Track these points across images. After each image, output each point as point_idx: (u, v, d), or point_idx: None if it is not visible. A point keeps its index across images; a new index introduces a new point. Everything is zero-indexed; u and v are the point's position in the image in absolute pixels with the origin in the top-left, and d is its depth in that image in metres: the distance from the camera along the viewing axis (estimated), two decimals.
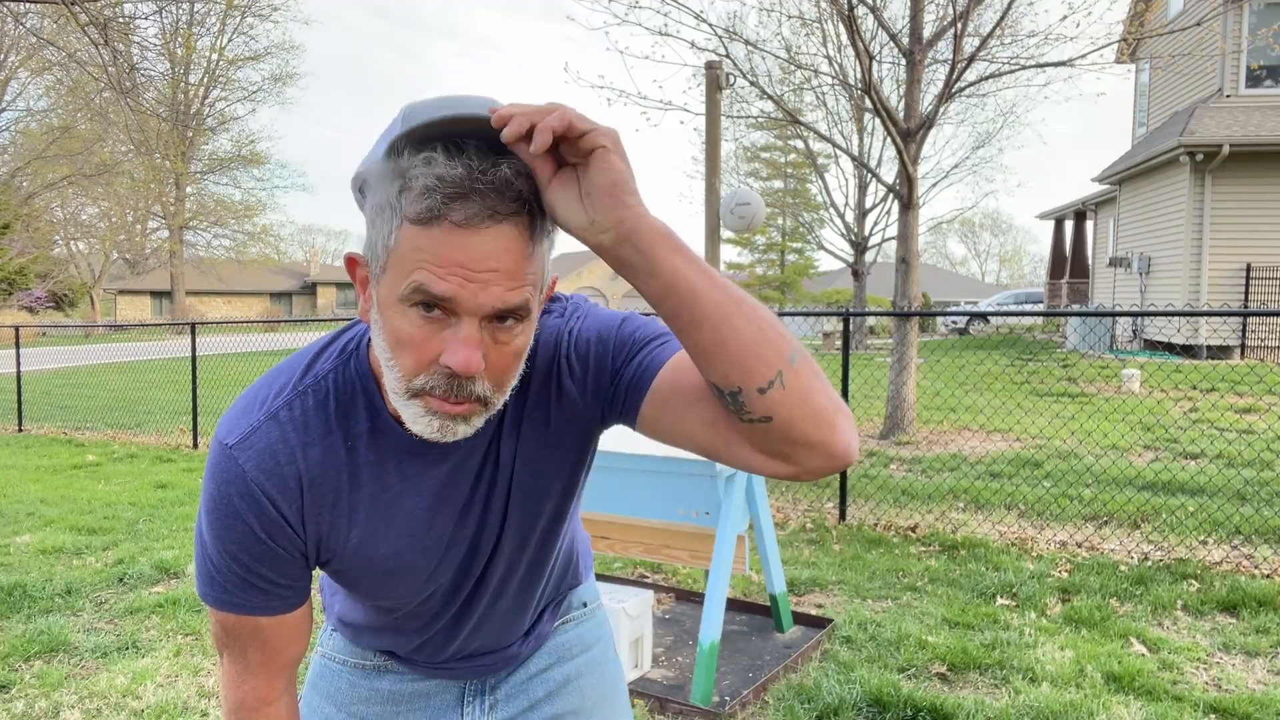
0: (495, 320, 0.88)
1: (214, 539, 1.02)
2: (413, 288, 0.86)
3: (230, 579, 1.03)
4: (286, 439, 1.00)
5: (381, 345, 0.91)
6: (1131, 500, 5.91)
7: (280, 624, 1.08)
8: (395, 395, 0.92)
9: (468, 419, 0.92)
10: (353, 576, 1.10)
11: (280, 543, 1.02)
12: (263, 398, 1.03)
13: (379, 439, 1.03)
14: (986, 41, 8.12)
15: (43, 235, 34.06)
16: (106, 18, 8.59)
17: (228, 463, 1.00)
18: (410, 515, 1.06)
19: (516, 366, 0.94)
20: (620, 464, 3.46)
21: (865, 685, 3.19)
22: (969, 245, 80.00)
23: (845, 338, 5.86)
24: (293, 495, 1.01)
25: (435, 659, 1.25)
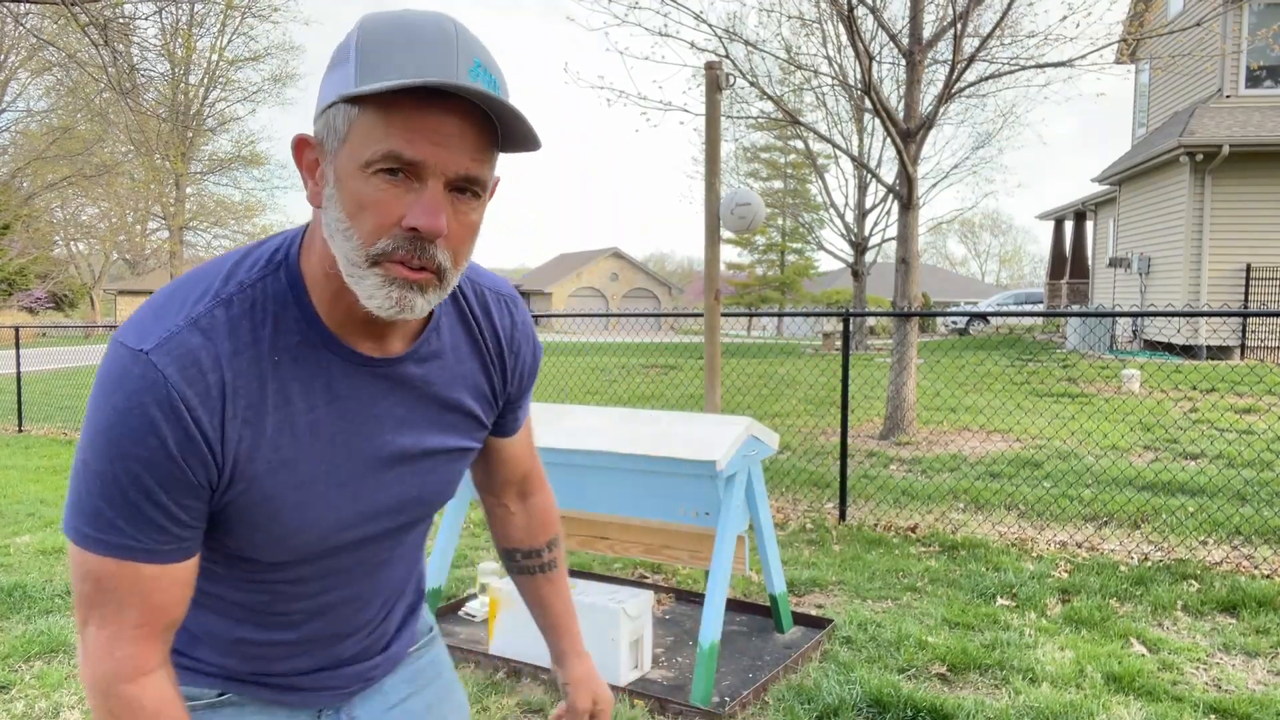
0: (456, 191, 0.92)
1: (113, 461, 0.90)
2: (382, 153, 0.88)
3: (123, 512, 0.91)
4: (209, 346, 0.92)
5: (338, 218, 0.91)
6: (1131, 500, 5.91)
7: (168, 575, 0.95)
8: (352, 267, 0.91)
9: (424, 290, 0.93)
10: (262, 513, 0.99)
11: (192, 464, 0.92)
12: (179, 302, 0.94)
13: (309, 354, 0.98)
14: (986, 42, 8.12)
15: (43, 236, 34.07)
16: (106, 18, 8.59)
17: (143, 368, 0.90)
18: (333, 441, 1.01)
19: (471, 243, 0.96)
20: (620, 464, 3.46)
21: (865, 685, 3.19)
22: (969, 245, 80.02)
23: (845, 338, 5.86)
24: (214, 406, 0.92)
25: (294, 666, 1.14)
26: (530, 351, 1.23)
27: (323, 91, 0.93)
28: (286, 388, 0.97)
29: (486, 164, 0.93)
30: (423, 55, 0.87)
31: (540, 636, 3.40)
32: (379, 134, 0.88)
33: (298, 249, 1.00)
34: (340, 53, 0.92)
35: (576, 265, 55.71)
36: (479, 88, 0.86)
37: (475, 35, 0.92)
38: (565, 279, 54.36)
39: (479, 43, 0.92)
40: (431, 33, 0.89)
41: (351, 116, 0.89)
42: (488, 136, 0.92)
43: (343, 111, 0.90)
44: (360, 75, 0.88)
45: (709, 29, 8.57)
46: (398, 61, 0.87)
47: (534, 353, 1.25)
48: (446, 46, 0.88)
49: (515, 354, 1.19)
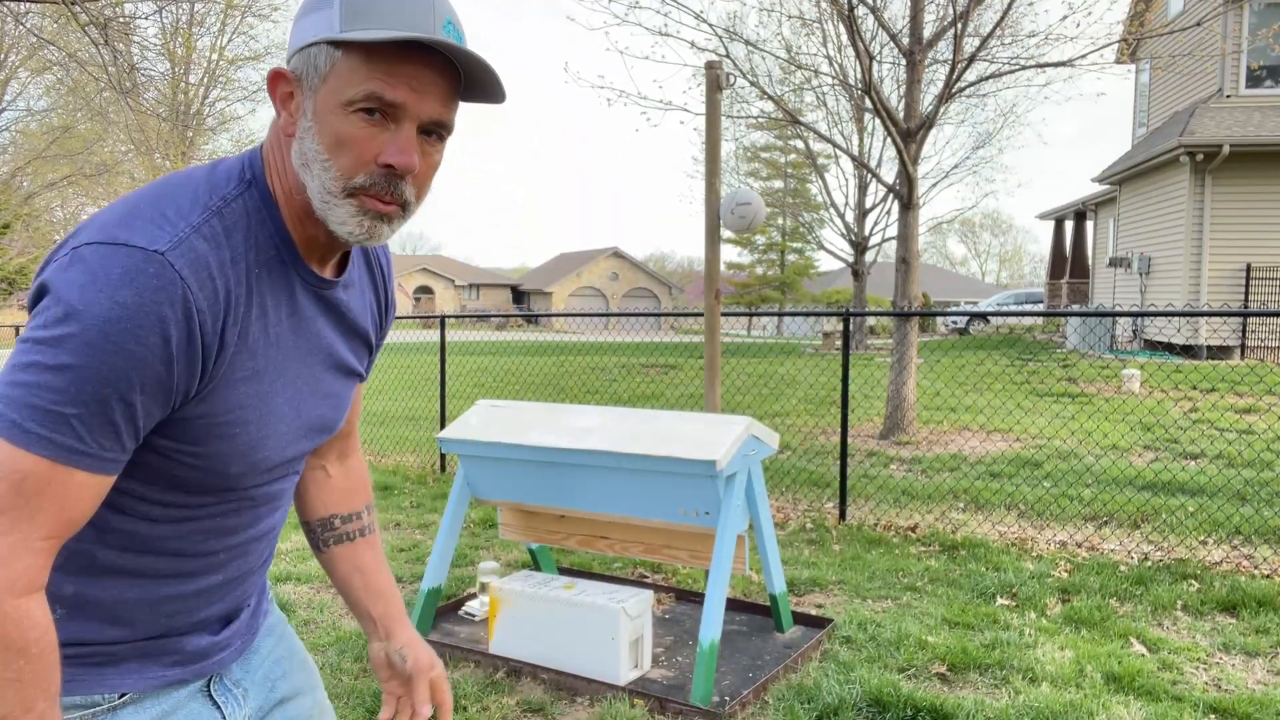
0: (424, 133, 1.01)
1: (102, 355, 0.88)
2: (365, 93, 0.96)
3: (86, 412, 0.89)
4: (214, 252, 0.96)
5: (315, 149, 0.99)
6: (1131, 500, 5.91)
7: (94, 486, 0.94)
8: (328, 195, 0.99)
9: (391, 221, 1.03)
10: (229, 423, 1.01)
11: (181, 368, 0.94)
12: (176, 209, 0.96)
13: (281, 270, 1.05)
14: (986, 41, 8.12)
15: (43, 235, 34.07)
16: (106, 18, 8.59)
17: (158, 268, 0.91)
18: (290, 355, 1.08)
19: (432, 180, 1.07)
20: (620, 464, 3.46)
21: (865, 685, 3.19)
22: (969, 245, 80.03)
23: (845, 338, 5.86)
24: (218, 312, 0.96)
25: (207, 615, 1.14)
26: (394, 295, 1.33)
27: (300, 30, 1.00)
28: (264, 300, 1.04)
29: (453, 110, 1.03)
30: (405, 9, 0.97)
31: (539, 635, 3.42)
32: (361, 76, 0.96)
33: (261, 169, 1.06)
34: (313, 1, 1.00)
35: (576, 265, 55.71)
36: (460, 46, 0.97)
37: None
38: (565, 279, 54.36)
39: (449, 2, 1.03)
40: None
41: (335, 58, 0.97)
42: (455, 86, 1.02)
43: (325, 52, 0.98)
44: (345, 21, 0.96)
45: (709, 28, 8.58)
46: (381, 12, 0.96)
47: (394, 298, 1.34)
48: (426, 5, 0.98)
49: (390, 295, 1.29)
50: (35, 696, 0.92)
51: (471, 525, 5.69)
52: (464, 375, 14.43)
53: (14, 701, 0.91)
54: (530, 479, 3.74)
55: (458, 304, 55.41)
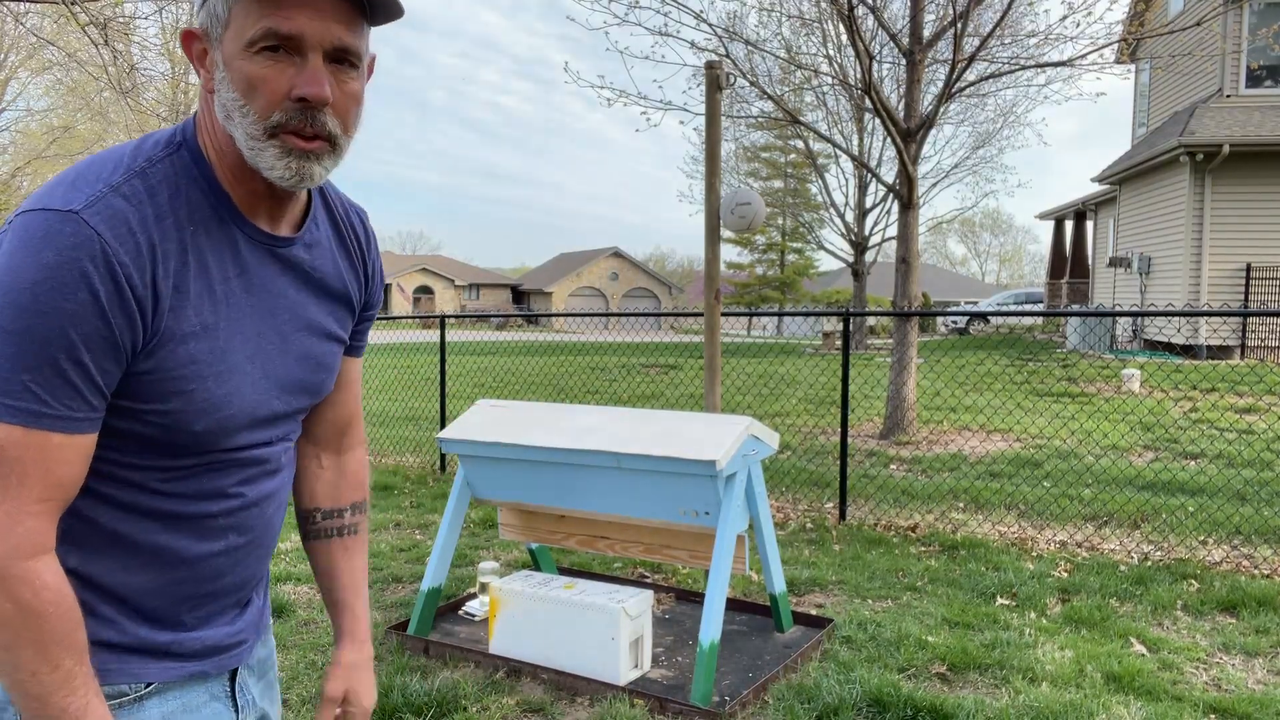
0: (335, 63, 1.00)
1: (36, 317, 0.89)
2: (262, 31, 0.95)
3: (39, 375, 0.91)
4: (135, 209, 0.96)
5: (232, 98, 0.98)
6: (1131, 500, 5.91)
7: (73, 446, 0.95)
8: (252, 140, 0.98)
9: (319, 158, 1.01)
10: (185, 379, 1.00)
11: (119, 322, 0.93)
12: (94, 175, 0.97)
13: (219, 227, 1.04)
14: (986, 41, 8.12)
15: None
16: (106, 18, 8.59)
17: (75, 226, 0.91)
18: (245, 312, 1.06)
19: (356, 111, 1.04)
20: (620, 464, 3.46)
21: (865, 685, 3.19)
22: (969, 245, 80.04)
23: (845, 338, 5.87)
24: (144, 266, 0.95)
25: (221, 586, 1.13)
26: (379, 265, 1.31)
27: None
28: (203, 256, 1.02)
29: (360, 34, 1.01)
30: None
31: (539, 635, 3.41)
32: (255, 15, 0.96)
33: (193, 132, 1.06)
34: None
35: (576, 265, 55.71)
36: None
37: None
38: (565, 279, 54.36)
39: None
40: None
41: (230, 3, 0.97)
42: (357, 9, 1.00)
43: (220, 2, 0.98)
44: None
45: (709, 28, 8.58)
46: None
47: (381, 268, 1.33)
48: None
49: (371, 262, 1.27)
50: (60, 655, 0.95)
51: (471, 525, 5.69)
52: (464, 375, 14.43)
53: (39, 661, 0.94)
54: (530, 479, 3.74)
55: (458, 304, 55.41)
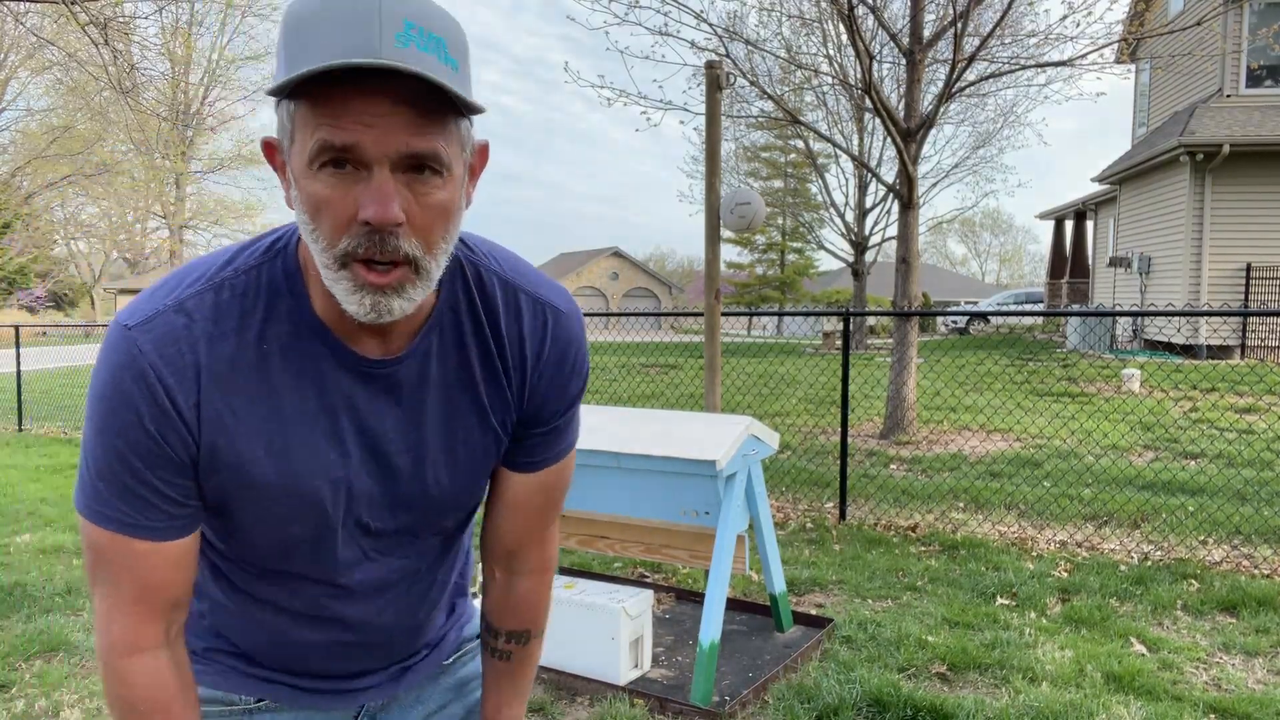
0: (410, 171, 0.85)
1: (98, 432, 0.91)
2: (317, 147, 0.83)
3: (113, 486, 0.92)
4: (191, 328, 0.91)
5: (303, 220, 0.87)
6: (1131, 500, 5.91)
7: (158, 554, 0.95)
8: (326, 272, 0.87)
9: (400, 290, 0.87)
10: (248, 509, 0.98)
11: (169, 440, 0.92)
12: (172, 286, 0.94)
13: (302, 343, 0.95)
14: (986, 41, 8.12)
15: (43, 235, 34.08)
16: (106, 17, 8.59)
17: (124, 344, 0.90)
18: (329, 435, 0.98)
19: (444, 225, 0.89)
20: (620, 464, 3.46)
21: (865, 685, 3.19)
22: (969, 245, 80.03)
23: (845, 337, 5.86)
24: (189, 388, 0.91)
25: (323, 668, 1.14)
26: (559, 373, 1.08)
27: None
28: (274, 377, 0.95)
29: (435, 136, 0.84)
30: (340, 30, 0.80)
31: None
32: (311, 125, 0.83)
33: (297, 239, 0.98)
34: (277, 45, 0.86)
35: (576, 265, 55.72)
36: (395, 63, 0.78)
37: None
38: (565, 278, 54.37)
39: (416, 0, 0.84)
40: (350, 6, 0.81)
41: (291, 113, 0.86)
42: (433, 106, 0.84)
43: (284, 109, 0.86)
44: (287, 64, 0.82)
45: (709, 28, 8.57)
46: (317, 43, 0.80)
47: (567, 373, 1.08)
48: (368, 19, 0.80)
49: (540, 371, 1.07)
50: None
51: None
52: None
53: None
54: None
55: None
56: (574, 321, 1.09)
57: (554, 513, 1.21)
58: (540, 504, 1.17)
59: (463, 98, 0.83)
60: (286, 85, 0.80)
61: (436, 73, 0.81)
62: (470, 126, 0.91)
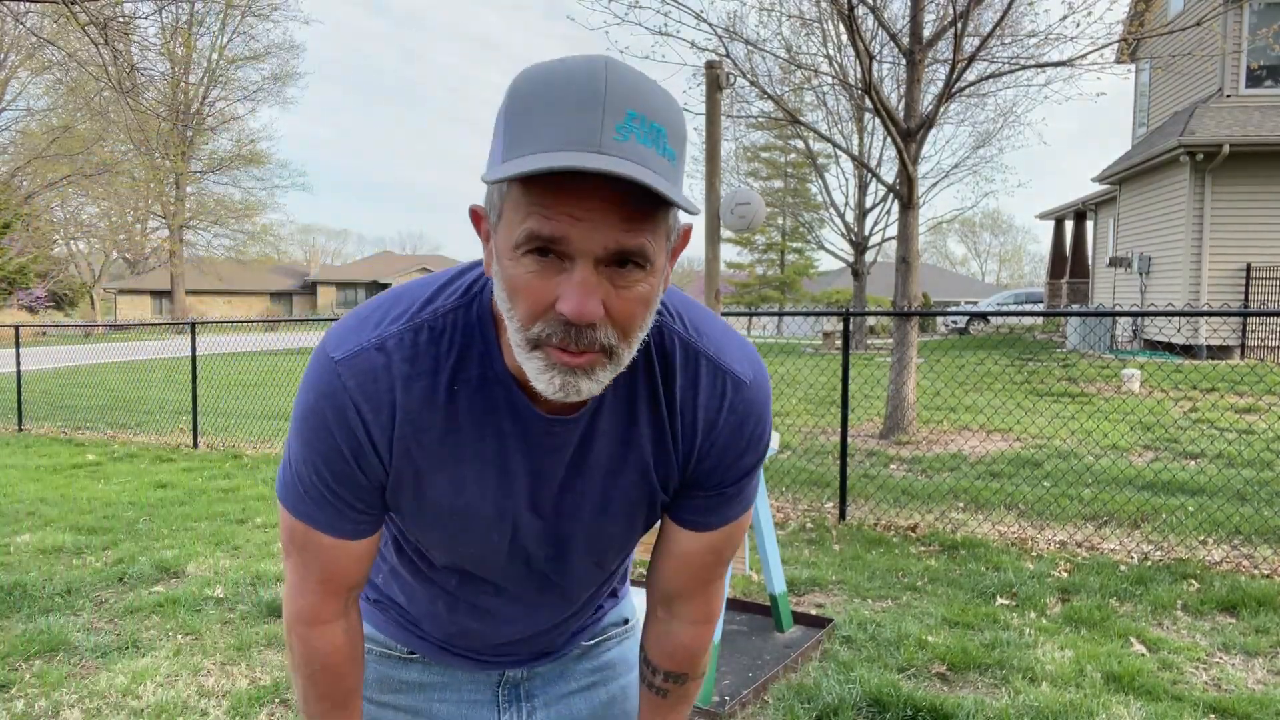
0: (613, 265, 0.84)
1: (300, 447, 1.00)
2: (525, 234, 0.83)
3: (309, 489, 1.01)
4: (391, 367, 0.96)
5: (501, 297, 0.89)
6: (1131, 500, 5.91)
7: (343, 549, 1.06)
8: (518, 349, 0.89)
9: (590, 372, 0.87)
10: (426, 523, 1.06)
11: (363, 467, 0.99)
12: (378, 319, 0.99)
13: (487, 389, 0.99)
14: (986, 41, 8.12)
15: (43, 235, 34.08)
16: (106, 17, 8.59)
17: (329, 375, 0.97)
18: (501, 475, 1.03)
19: (644, 315, 0.89)
20: None
21: (865, 685, 3.19)
22: (969, 245, 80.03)
23: (845, 337, 5.87)
24: (385, 424, 0.97)
25: (472, 644, 1.23)
26: (732, 445, 1.06)
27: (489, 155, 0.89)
28: (460, 418, 0.99)
29: (644, 232, 0.83)
30: (563, 122, 0.79)
31: None
32: (522, 211, 0.83)
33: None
34: (497, 119, 0.86)
35: None
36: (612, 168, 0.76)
37: (636, 77, 0.83)
38: None
39: (641, 87, 0.83)
40: (575, 93, 0.80)
41: (502, 193, 0.86)
42: (646, 203, 0.83)
43: (496, 189, 0.87)
44: (506, 148, 0.82)
45: (709, 28, 8.58)
46: (538, 130, 0.80)
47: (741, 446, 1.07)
48: (591, 106, 0.79)
49: (711, 441, 1.06)
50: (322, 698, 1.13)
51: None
52: None
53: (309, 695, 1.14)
54: None
55: None
56: (757, 392, 1.06)
57: (720, 569, 1.19)
58: (706, 562, 1.16)
59: (678, 198, 0.81)
60: (502, 178, 0.80)
61: (654, 166, 0.81)
62: (677, 214, 0.90)
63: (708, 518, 1.12)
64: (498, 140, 0.85)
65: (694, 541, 1.13)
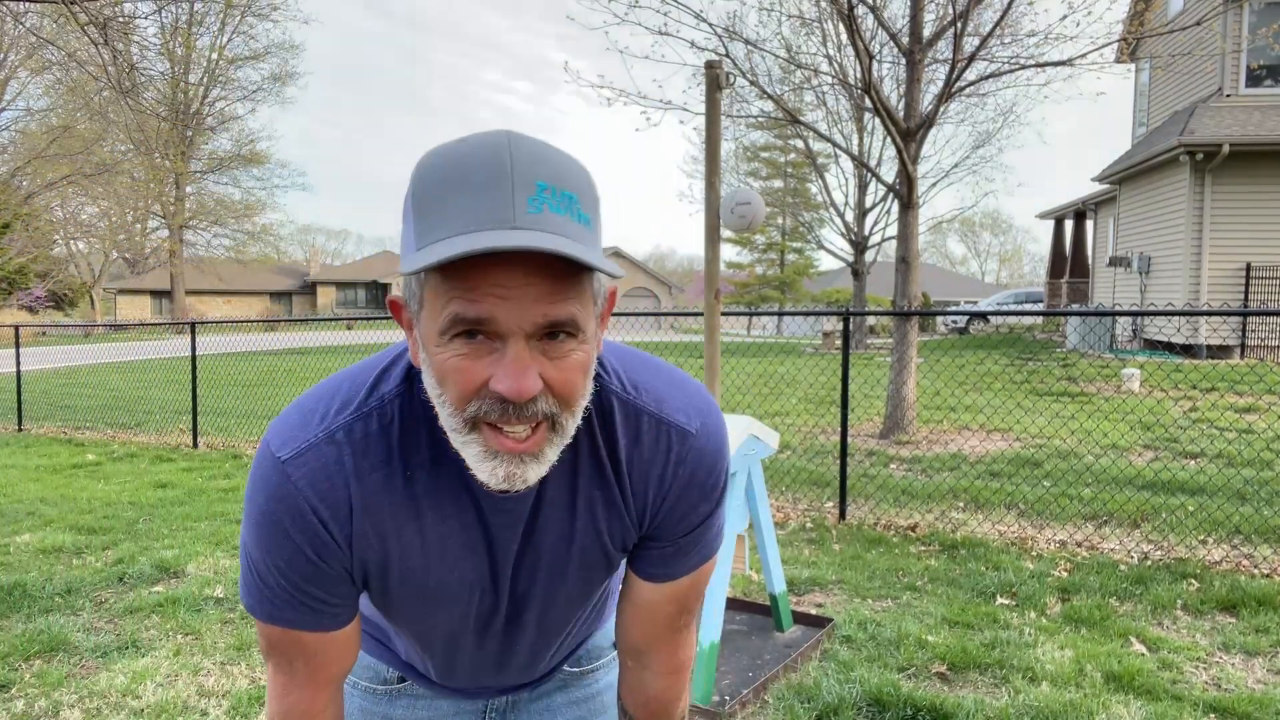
0: (544, 338, 0.83)
1: (261, 554, 0.97)
2: (449, 319, 0.81)
3: (277, 595, 0.99)
4: (343, 462, 0.94)
5: (430, 384, 0.87)
6: (1131, 500, 5.91)
7: (328, 641, 1.04)
8: (455, 434, 0.87)
9: (537, 456, 0.87)
10: (394, 603, 1.06)
11: (329, 563, 0.98)
12: (323, 412, 0.96)
13: (439, 471, 0.97)
14: (986, 41, 8.12)
15: (42, 235, 34.08)
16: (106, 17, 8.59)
17: (279, 478, 0.94)
18: (465, 548, 1.02)
19: (583, 383, 0.88)
20: None
21: (865, 685, 3.19)
22: (969, 245, 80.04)
23: (845, 337, 5.87)
24: (344, 519, 0.96)
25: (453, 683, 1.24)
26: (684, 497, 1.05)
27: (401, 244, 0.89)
28: (418, 501, 0.98)
29: (570, 301, 0.82)
30: (472, 203, 0.79)
31: None
32: (443, 296, 0.82)
33: None
34: (405, 206, 0.85)
35: None
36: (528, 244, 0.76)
37: (538, 147, 0.83)
38: None
39: (544, 156, 0.82)
40: (481, 171, 0.80)
41: (421, 281, 0.85)
42: (569, 272, 0.82)
43: (414, 278, 0.86)
44: (418, 236, 0.82)
45: (709, 28, 8.56)
46: (447, 214, 0.79)
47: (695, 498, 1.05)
48: (499, 185, 0.79)
49: (662, 496, 1.04)
50: None
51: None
52: None
53: None
54: None
55: None
56: (706, 440, 1.04)
57: (687, 619, 1.18)
58: (670, 612, 1.15)
59: (598, 262, 0.81)
60: (423, 268, 0.78)
61: (571, 234, 0.80)
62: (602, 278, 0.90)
63: (668, 569, 1.11)
64: (408, 228, 0.84)
65: (656, 593, 1.13)
